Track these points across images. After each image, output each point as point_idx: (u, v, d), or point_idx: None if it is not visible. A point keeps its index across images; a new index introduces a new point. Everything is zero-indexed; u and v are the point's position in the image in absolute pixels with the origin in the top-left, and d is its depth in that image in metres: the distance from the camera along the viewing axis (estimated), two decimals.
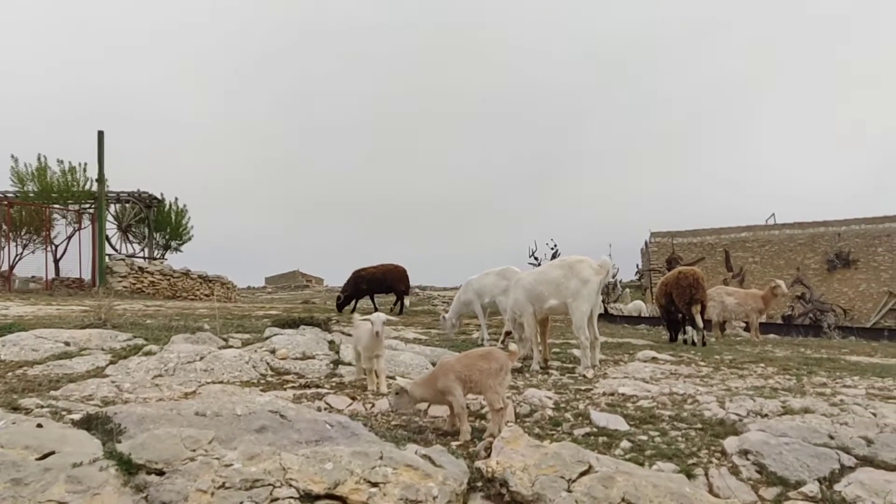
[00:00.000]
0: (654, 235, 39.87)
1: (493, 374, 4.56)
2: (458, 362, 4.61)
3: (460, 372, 4.53)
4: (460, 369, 4.54)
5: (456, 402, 4.49)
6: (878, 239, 35.59)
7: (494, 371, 4.57)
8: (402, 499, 3.08)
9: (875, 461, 4.12)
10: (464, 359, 4.66)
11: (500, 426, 4.43)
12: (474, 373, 4.53)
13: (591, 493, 3.41)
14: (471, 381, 4.52)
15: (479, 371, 4.54)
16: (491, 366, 4.57)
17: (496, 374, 4.58)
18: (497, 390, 4.55)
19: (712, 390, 6.08)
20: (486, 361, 4.59)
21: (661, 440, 4.51)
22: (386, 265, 18.01)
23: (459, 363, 4.60)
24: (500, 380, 4.60)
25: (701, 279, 11.76)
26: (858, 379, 7.04)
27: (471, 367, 4.55)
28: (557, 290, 7.53)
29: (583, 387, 6.26)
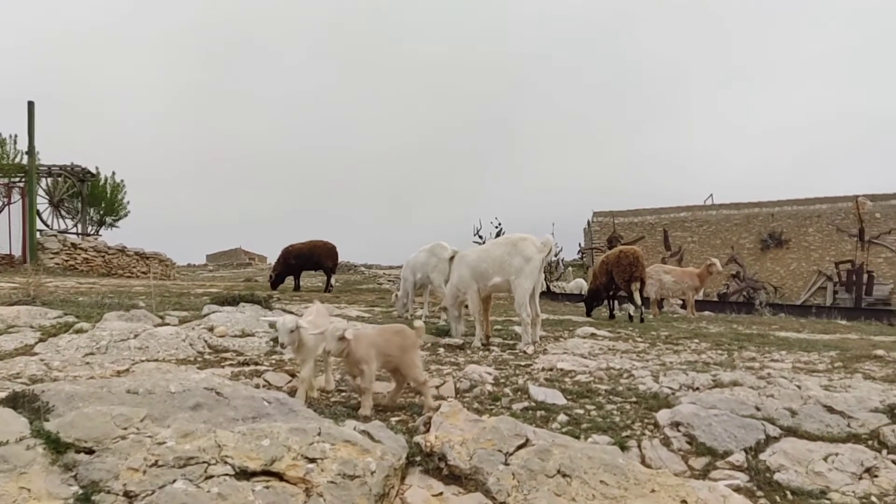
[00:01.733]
0: (596, 215, 40.43)
1: (409, 349, 4.63)
2: (378, 336, 4.58)
3: (380, 346, 4.51)
4: (380, 343, 4.52)
5: (368, 374, 4.43)
6: (809, 220, 36.83)
7: (409, 347, 4.64)
8: (340, 474, 3.07)
9: (798, 431, 4.30)
10: (382, 333, 4.65)
11: (431, 396, 4.63)
12: (392, 348, 4.54)
13: (527, 465, 3.46)
14: (388, 355, 4.52)
15: (396, 347, 4.57)
16: (406, 342, 4.62)
17: (411, 350, 4.65)
18: (417, 364, 4.67)
19: (648, 365, 6.23)
20: (400, 337, 4.63)
21: (597, 413, 4.61)
22: (314, 241, 17.82)
23: (379, 337, 4.57)
24: (415, 354, 4.69)
25: (641, 258, 12.07)
26: (786, 353, 7.32)
27: (389, 343, 4.55)
28: (501, 268, 7.58)
29: (523, 362, 6.34)
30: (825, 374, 5.88)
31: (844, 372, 6.08)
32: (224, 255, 58.82)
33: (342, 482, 3.04)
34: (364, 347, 4.41)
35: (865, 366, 6.43)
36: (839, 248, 34.34)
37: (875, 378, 5.72)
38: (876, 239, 32.77)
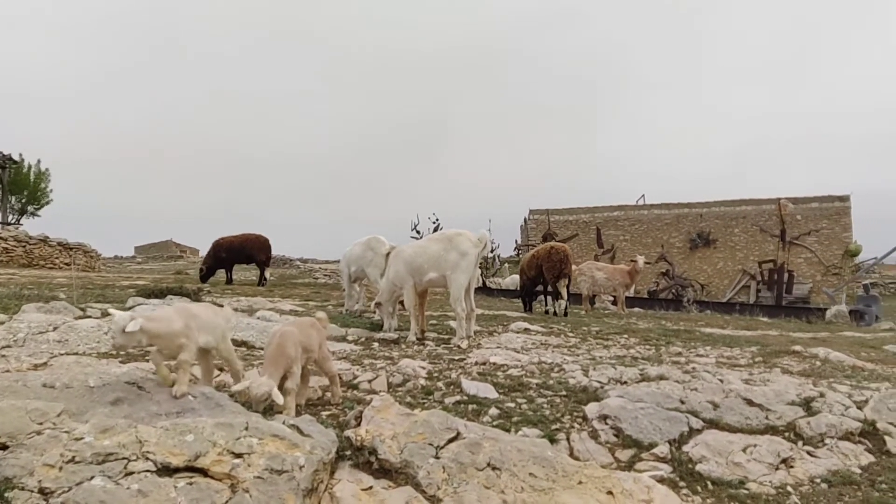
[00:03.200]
0: (532, 213, 40.93)
1: (323, 342, 4.62)
2: (299, 331, 4.44)
3: (303, 341, 4.38)
4: (303, 338, 4.39)
5: (296, 374, 4.25)
6: (736, 220, 38.16)
7: (323, 339, 4.62)
8: (268, 469, 3.01)
9: (720, 424, 4.45)
10: (301, 327, 4.52)
11: (340, 392, 4.66)
12: (311, 342, 4.47)
13: (457, 458, 3.47)
14: (309, 349, 4.43)
15: (315, 340, 4.51)
16: (320, 334, 4.60)
17: (325, 343, 4.65)
18: (329, 356, 4.68)
19: (578, 359, 6.34)
20: (315, 330, 4.58)
21: (528, 407, 4.66)
22: (246, 234, 17.48)
23: (300, 332, 4.43)
24: (326, 347, 4.69)
25: (570, 255, 12.41)
26: (710, 349, 7.56)
27: (308, 336, 4.46)
28: (437, 263, 7.59)
29: (457, 357, 6.36)
30: (746, 369, 6.09)
31: (764, 366, 6.32)
32: (154, 248, 57.18)
33: (269, 477, 2.99)
34: (293, 347, 4.25)
35: (784, 361, 6.70)
36: (763, 248, 35.71)
37: (792, 372, 5.96)
38: (796, 240, 34.19)
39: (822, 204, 37.09)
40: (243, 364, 5.50)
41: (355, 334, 7.65)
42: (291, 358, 4.15)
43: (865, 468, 3.95)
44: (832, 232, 36.49)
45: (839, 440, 4.23)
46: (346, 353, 6.38)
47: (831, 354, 6.94)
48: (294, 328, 4.42)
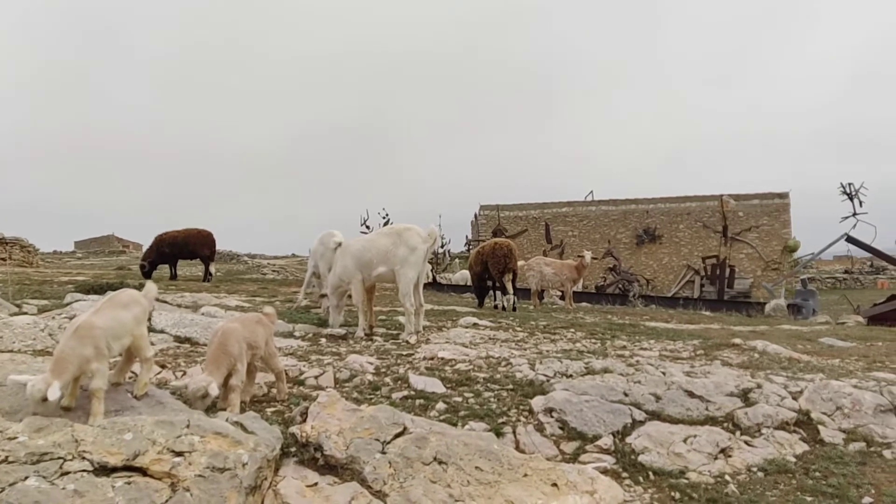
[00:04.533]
0: (483, 208, 41.12)
1: (270, 338, 4.56)
2: (244, 328, 4.36)
3: (248, 337, 4.31)
4: (247, 335, 4.32)
5: (241, 371, 4.18)
6: (680, 217, 38.99)
7: (269, 335, 4.56)
8: (209, 467, 2.97)
9: (662, 415, 4.55)
10: (245, 324, 4.44)
11: (286, 388, 4.61)
12: (258, 338, 4.41)
13: (404, 453, 3.47)
14: (255, 346, 4.36)
15: (261, 336, 4.45)
16: (266, 330, 4.53)
17: (271, 339, 4.58)
18: (276, 353, 4.62)
19: (525, 353, 6.40)
20: (262, 326, 4.52)
21: (475, 401, 4.69)
22: (189, 229, 17.15)
23: (245, 328, 4.35)
24: (272, 343, 4.62)
25: (514, 250, 12.59)
26: (654, 342, 7.72)
27: (254, 332, 4.40)
28: (386, 258, 7.56)
29: (405, 352, 6.36)
30: (688, 362, 6.24)
31: (705, 359, 6.48)
32: (95, 242, 55.62)
33: (211, 475, 2.94)
34: (236, 344, 4.18)
35: (724, 353, 6.88)
36: (707, 244, 36.56)
37: (732, 364, 6.13)
38: (738, 236, 35.13)
39: (763, 201, 38.17)
40: (187, 360, 5.41)
41: (303, 330, 7.58)
42: (234, 355, 4.08)
43: (800, 457, 4.08)
44: (772, 228, 37.57)
45: (775, 430, 4.37)
46: (294, 349, 6.32)
47: (769, 347, 7.15)
48: (238, 325, 4.34)
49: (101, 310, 3.72)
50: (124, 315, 3.78)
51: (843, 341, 8.48)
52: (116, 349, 3.73)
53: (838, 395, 4.70)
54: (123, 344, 3.79)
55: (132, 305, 3.90)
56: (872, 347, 7.86)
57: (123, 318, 3.77)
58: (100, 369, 3.53)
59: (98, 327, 3.57)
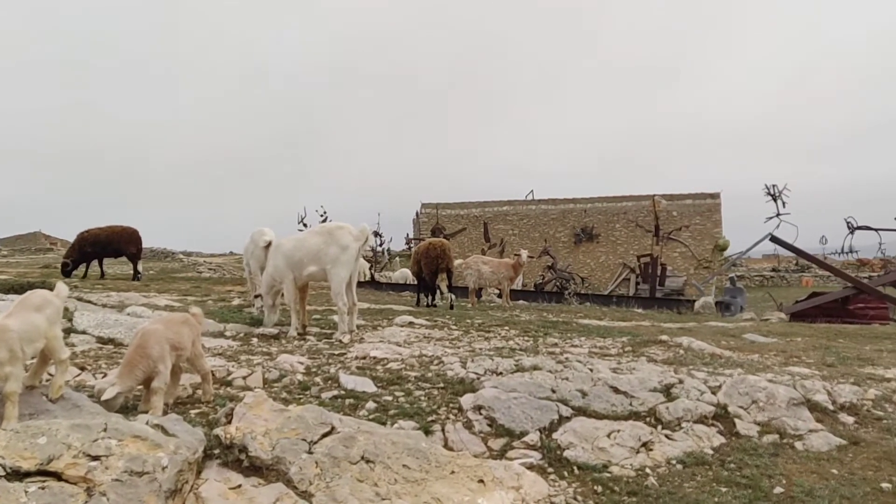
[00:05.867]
0: (424, 206, 41.18)
1: (196, 339, 4.48)
2: (167, 329, 4.26)
3: (172, 339, 4.21)
4: (171, 336, 4.22)
5: (165, 373, 4.08)
6: (617, 216, 39.85)
7: (196, 336, 4.48)
8: (127, 471, 2.91)
9: (588, 411, 4.65)
10: (169, 325, 4.35)
11: (212, 389, 4.53)
12: (183, 339, 4.31)
13: (331, 453, 3.47)
14: (180, 347, 4.27)
15: (187, 337, 4.36)
16: (192, 331, 4.45)
17: (198, 339, 4.51)
18: (202, 354, 4.54)
19: (458, 352, 6.45)
20: (188, 327, 4.43)
21: (406, 400, 4.71)
22: (113, 227, 16.58)
23: (168, 330, 4.26)
24: (199, 344, 4.55)
25: (447, 250, 12.74)
26: (585, 339, 7.88)
27: (179, 334, 4.30)
28: (317, 257, 7.50)
29: (337, 351, 6.34)
30: (615, 358, 6.39)
31: (632, 356, 6.65)
32: (21, 240, 53.36)
33: (129, 479, 2.89)
34: (157, 346, 4.07)
35: (651, 350, 7.07)
36: (642, 243, 37.40)
37: (657, 361, 6.30)
38: (671, 235, 36.07)
39: (696, 201, 39.32)
40: (109, 362, 5.27)
41: (234, 330, 7.46)
42: (154, 358, 3.98)
43: (717, 449, 4.24)
44: (704, 227, 38.75)
45: (694, 423, 4.52)
46: (223, 350, 6.22)
47: (694, 343, 7.38)
48: (160, 326, 4.24)
49: (14, 313, 3.59)
50: (37, 318, 3.66)
51: (765, 337, 8.81)
52: (30, 353, 3.61)
53: (754, 389, 4.89)
54: (37, 347, 3.67)
55: (45, 307, 3.77)
56: (791, 343, 8.19)
57: (37, 321, 3.64)
58: (13, 373, 3.42)
59: (12, 330, 3.46)
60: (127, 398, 3.98)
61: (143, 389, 4.10)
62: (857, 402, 5.02)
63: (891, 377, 6.01)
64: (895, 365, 6.67)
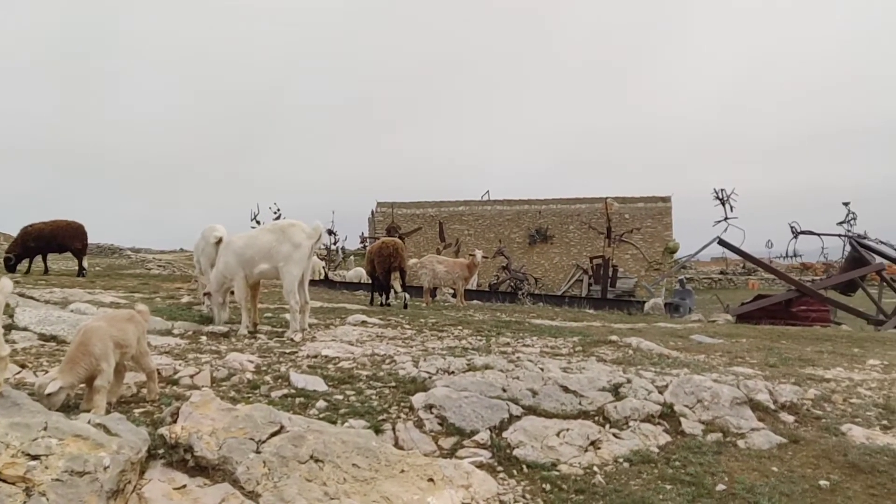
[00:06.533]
0: (380, 205, 41.12)
1: (142, 336, 4.39)
2: (111, 326, 4.15)
3: (116, 336, 4.10)
4: (115, 333, 4.11)
5: (108, 371, 3.98)
6: (571, 218, 40.37)
7: (142, 334, 4.39)
8: (68, 471, 2.84)
9: (538, 410, 4.69)
10: (114, 322, 4.24)
11: (157, 388, 4.44)
12: (128, 336, 4.21)
13: (279, 452, 3.43)
14: (124, 345, 4.16)
15: (132, 334, 4.25)
16: (138, 328, 4.35)
17: (143, 337, 4.42)
18: (148, 352, 4.47)
19: (411, 351, 6.45)
20: (133, 324, 4.33)
21: (357, 399, 4.68)
22: (58, 221, 16.11)
23: (112, 327, 4.15)
24: (145, 342, 4.47)
25: (400, 249, 12.78)
26: (537, 339, 7.95)
27: (124, 331, 4.19)
28: (269, 255, 7.41)
29: (288, 350, 6.27)
30: (566, 358, 6.46)
31: (583, 355, 6.73)
32: None
33: (70, 479, 2.83)
34: (100, 343, 3.96)
35: (601, 350, 7.17)
36: (595, 245, 37.93)
37: (606, 360, 6.39)
38: (623, 237, 36.64)
39: (648, 204, 40.08)
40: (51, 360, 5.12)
41: (182, 328, 7.31)
42: (96, 356, 3.88)
43: (663, 447, 4.32)
44: (655, 230, 39.52)
45: (641, 422, 4.60)
46: (170, 348, 6.10)
47: (643, 344, 7.51)
48: (103, 323, 4.13)
49: None
50: None
51: (712, 338, 9.01)
52: None
53: (700, 389, 5.00)
54: None
55: None
56: (736, 344, 8.39)
57: None
58: None
59: None
60: (69, 396, 3.87)
61: (86, 388, 3.99)
62: (798, 402, 5.16)
63: (830, 378, 6.21)
64: (834, 366, 6.90)
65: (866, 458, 4.06)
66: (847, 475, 3.91)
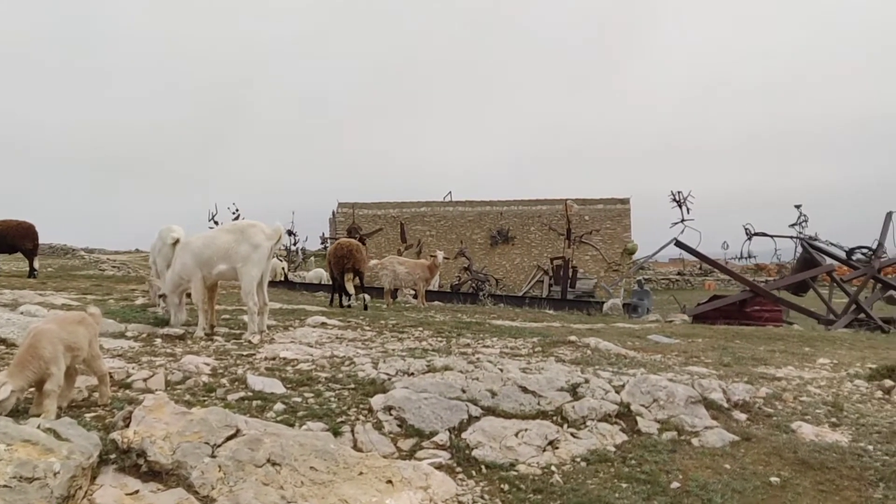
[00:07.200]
0: (341, 206, 40.90)
1: (94, 339, 4.30)
2: (61, 329, 4.04)
3: (66, 339, 3.99)
4: (66, 336, 4.01)
5: (58, 375, 3.88)
6: (532, 219, 40.65)
7: (93, 336, 4.29)
8: (16, 476, 2.77)
9: (497, 410, 4.72)
10: (64, 324, 4.13)
11: (109, 392, 4.36)
12: (79, 339, 4.10)
13: (235, 456, 3.40)
14: (75, 348, 4.06)
15: (83, 337, 4.15)
16: (89, 331, 4.25)
17: (95, 340, 4.32)
18: (100, 355, 4.37)
19: (371, 352, 6.42)
20: (84, 327, 4.22)
21: (315, 401, 4.65)
22: (7, 221, 15.66)
23: (63, 329, 4.03)
24: (97, 345, 4.37)
25: (355, 251, 12.79)
26: (497, 340, 7.99)
27: (75, 334, 4.09)
28: (227, 255, 7.31)
29: (246, 352, 6.20)
30: (526, 358, 6.51)
31: (542, 356, 6.78)
32: None
33: (18, 485, 2.76)
34: (50, 346, 3.85)
35: (560, 350, 7.23)
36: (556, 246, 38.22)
37: (565, 361, 6.45)
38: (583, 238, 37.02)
39: (607, 206, 40.58)
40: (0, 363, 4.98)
41: (136, 330, 7.15)
42: (46, 359, 3.78)
43: (619, 446, 4.38)
44: (614, 232, 40.03)
45: (599, 422, 4.66)
46: (123, 351, 5.96)
47: (601, 344, 7.59)
48: (54, 325, 4.02)
49: None
50: None
51: (668, 338, 9.17)
52: None
53: (655, 388, 5.08)
54: None
55: None
56: (692, 344, 8.55)
57: None
58: None
59: None
60: (18, 400, 3.77)
61: (36, 392, 3.89)
62: (750, 400, 5.28)
63: (781, 376, 6.37)
64: (786, 365, 7.08)
65: (815, 455, 4.17)
66: (797, 472, 4.01)
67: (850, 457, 4.16)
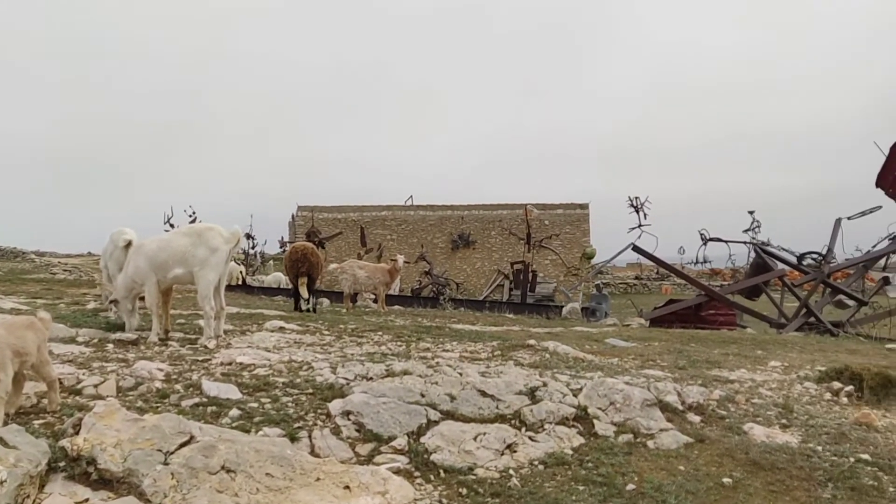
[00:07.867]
0: (300, 209, 40.54)
1: (43, 345, 4.20)
2: (9, 333, 3.93)
3: (14, 344, 3.88)
4: (13, 341, 3.89)
5: (5, 381, 3.77)
6: (493, 223, 40.83)
7: (42, 342, 4.20)
8: None
9: (455, 415, 4.72)
10: (12, 329, 4.01)
11: (58, 399, 4.26)
12: (28, 344, 3.99)
13: (189, 463, 3.34)
14: (23, 353, 3.95)
15: (32, 343, 4.04)
16: (38, 336, 4.15)
17: (44, 345, 4.23)
18: (49, 360, 4.28)
19: (329, 357, 6.38)
20: (33, 331, 4.11)
21: (272, 406, 4.60)
22: None
23: (10, 334, 3.92)
24: (46, 350, 4.27)
25: (309, 254, 12.78)
26: (457, 344, 8.00)
27: (23, 339, 3.98)
28: (183, 259, 7.17)
29: (201, 357, 6.10)
30: (485, 362, 6.53)
31: (501, 359, 6.82)
32: None
33: None
34: None
35: (519, 354, 7.28)
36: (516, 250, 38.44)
37: (524, 364, 6.50)
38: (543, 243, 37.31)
39: (566, 211, 40.97)
40: None
41: (87, 335, 6.98)
42: None
43: (576, 449, 4.41)
44: (574, 236, 40.42)
45: (556, 425, 4.69)
46: (74, 356, 5.81)
47: (559, 347, 7.66)
48: (1, 330, 3.89)
49: None
50: None
51: (626, 342, 9.29)
52: None
53: (612, 391, 5.14)
54: None
55: None
56: (649, 347, 8.68)
57: None
58: None
59: None
60: None
61: None
62: (704, 403, 5.38)
63: (734, 379, 6.50)
64: (739, 367, 7.24)
65: (766, 456, 4.26)
66: (748, 472, 4.09)
67: (800, 457, 4.26)
